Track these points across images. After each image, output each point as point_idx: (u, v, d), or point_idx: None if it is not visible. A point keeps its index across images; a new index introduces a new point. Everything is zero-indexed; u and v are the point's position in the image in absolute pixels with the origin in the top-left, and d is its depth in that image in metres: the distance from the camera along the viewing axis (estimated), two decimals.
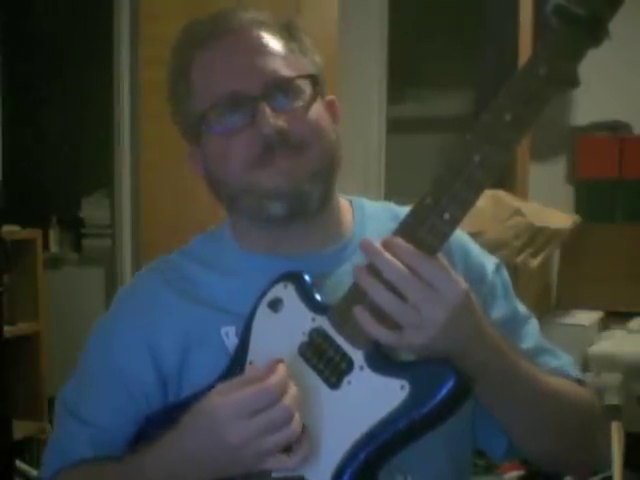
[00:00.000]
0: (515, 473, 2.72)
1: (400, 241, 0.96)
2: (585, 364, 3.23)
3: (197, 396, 1.05)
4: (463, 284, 0.97)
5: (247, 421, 0.96)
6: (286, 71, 1.12)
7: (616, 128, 3.67)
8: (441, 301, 0.94)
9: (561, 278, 3.75)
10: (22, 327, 3.59)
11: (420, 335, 0.95)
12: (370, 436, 0.97)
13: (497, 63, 3.88)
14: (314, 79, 1.14)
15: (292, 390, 0.98)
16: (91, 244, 4.16)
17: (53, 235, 4.14)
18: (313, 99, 1.13)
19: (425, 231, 0.95)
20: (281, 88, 1.11)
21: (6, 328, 3.27)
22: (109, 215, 3.95)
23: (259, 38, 1.13)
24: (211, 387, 1.06)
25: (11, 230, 3.46)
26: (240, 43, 1.13)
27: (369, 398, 0.98)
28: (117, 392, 1.16)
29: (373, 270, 0.96)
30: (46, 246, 4.00)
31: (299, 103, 1.11)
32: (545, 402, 1.08)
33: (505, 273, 1.24)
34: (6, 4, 3.93)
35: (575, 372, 1.20)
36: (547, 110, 0.93)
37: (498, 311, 1.18)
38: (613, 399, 3.08)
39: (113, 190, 3.68)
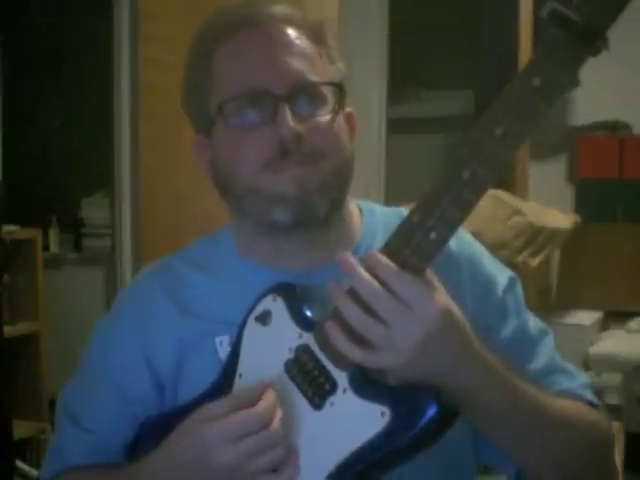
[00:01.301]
0: None
1: (378, 256, 0.92)
2: (585, 364, 3.23)
3: (192, 404, 1.04)
4: (442, 304, 0.92)
5: (234, 445, 0.95)
6: (313, 76, 1.08)
7: (616, 128, 3.67)
8: (415, 321, 0.90)
9: (561, 278, 3.75)
10: (22, 327, 3.59)
11: (393, 356, 0.91)
12: (351, 461, 0.94)
13: (497, 63, 3.88)
14: (340, 89, 1.11)
15: (279, 415, 0.97)
16: (91, 244, 4.16)
17: (53, 235, 4.14)
18: (336, 111, 1.09)
19: (410, 251, 0.91)
20: (306, 92, 1.07)
21: (6, 328, 3.27)
22: (109, 215, 3.96)
23: (288, 35, 1.09)
24: (206, 395, 1.06)
25: (11, 230, 3.46)
26: (269, 37, 1.08)
27: (350, 422, 0.95)
28: (114, 397, 1.15)
29: (352, 289, 0.93)
30: (46, 246, 4.00)
31: (322, 112, 1.08)
32: (550, 428, 1.03)
33: (519, 289, 1.19)
34: (6, 4, 3.93)
35: (588, 394, 1.14)
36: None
37: (507, 330, 1.14)
38: (613, 399, 3.08)
39: (113, 190, 3.68)
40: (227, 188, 1.12)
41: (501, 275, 1.18)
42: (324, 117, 1.08)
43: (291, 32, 1.10)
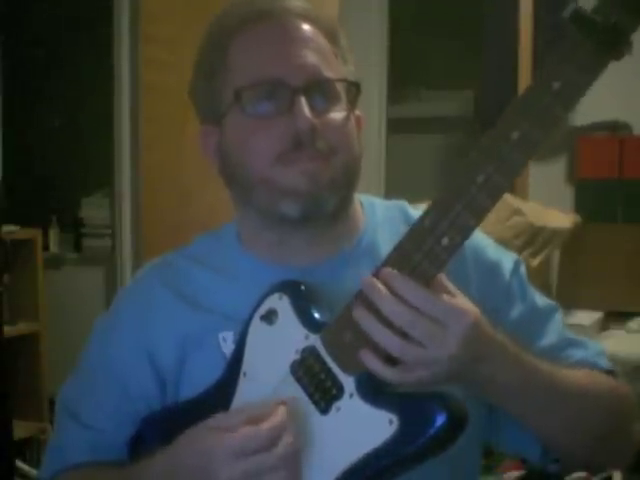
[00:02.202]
0: (515, 473, 2.71)
1: (398, 276, 0.91)
2: None
3: (195, 400, 1.04)
4: (470, 311, 0.93)
5: (235, 462, 0.93)
6: (328, 72, 1.09)
7: (616, 128, 3.66)
8: (450, 335, 0.90)
9: (561, 278, 3.74)
10: (22, 327, 3.59)
11: (427, 371, 0.91)
12: (358, 467, 0.93)
13: (497, 63, 3.87)
14: (357, 87, 1.12)
15: (288, 438, 0.94)
16: (91, 244, 4.16)
17: (53, 235, 4.13)
18: (350, 109, 1.10)
19: (422, 256, 0.91)
20: (321, 88, 1.08)
21: (6, 328, 3.27)
22: (109, 215, 3.96)
23: (305, 31, 1.10)
24: (209, 392, 1.06)
25: (11, 230, 3.46)
26: (286, 32, 1.10)
27: (356, 429, 0.94)
28: (116, 394, 1.15)
29: (370, 304, 0.92)
30: (46, 246, 4.00)
31: (336, 108, 1.09)
32: (566, 400, 1.03)
33: (523, 270, 1.19)
34: (6, 4, 3.93)
35: (603, 362, 1.15)
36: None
37: (515, 312, 1.15)
38: None
39: (113, 190, 3.69)
40: (234, 177, 1.12)
41: (506, 260, 1.18)
42: (338, 114, 1.09)
43: (307, 28, 1.11)
